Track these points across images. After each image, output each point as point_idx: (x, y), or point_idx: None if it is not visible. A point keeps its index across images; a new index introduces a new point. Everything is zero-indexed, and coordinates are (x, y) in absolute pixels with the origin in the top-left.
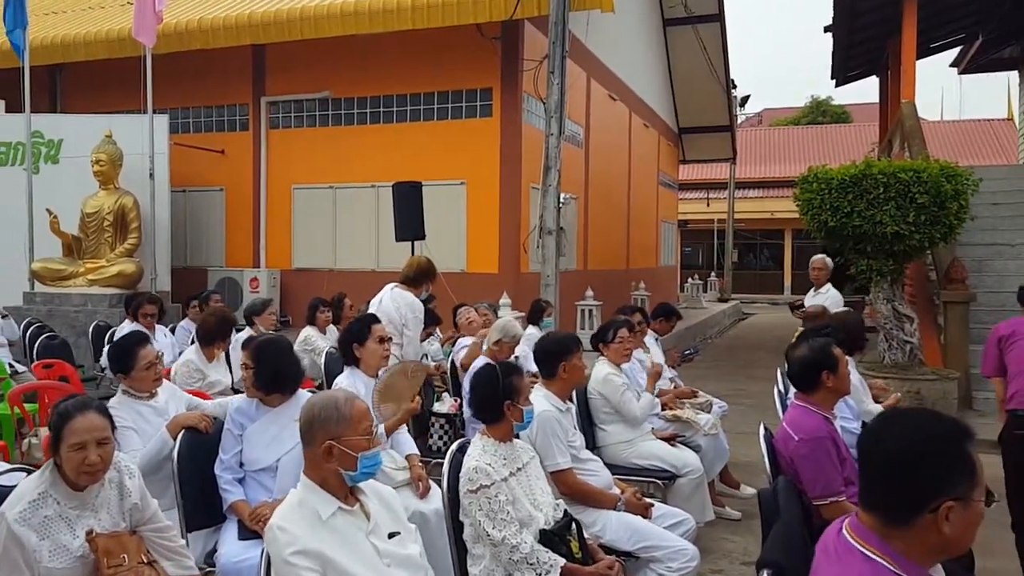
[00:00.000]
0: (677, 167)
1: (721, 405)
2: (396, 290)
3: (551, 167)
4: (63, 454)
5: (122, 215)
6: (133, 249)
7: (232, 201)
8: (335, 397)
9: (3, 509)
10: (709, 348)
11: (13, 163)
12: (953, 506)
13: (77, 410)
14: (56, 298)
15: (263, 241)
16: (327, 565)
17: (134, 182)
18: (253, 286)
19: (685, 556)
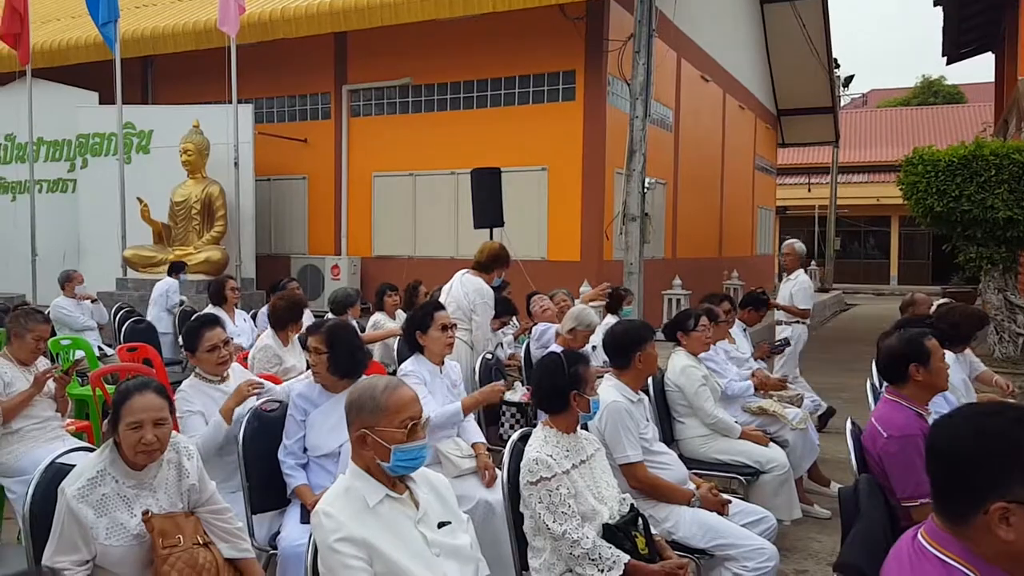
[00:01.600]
0: (775, 151)
1: (814, 399)
2: (467, 276)
3: (636, 151)
4: (121, 432)
5: (209, 203)
6: (219, 237)
7: (314, 189)
8: (375, 385)
9: (63, 485)
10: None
11: (107, 154)
12: (1012, 510)
13: (136, 390)
14: (146, 284)
15: (344, 229)
16: (373, 553)
17: (220, 171)
18: (334, 274)
19: (763, 555)
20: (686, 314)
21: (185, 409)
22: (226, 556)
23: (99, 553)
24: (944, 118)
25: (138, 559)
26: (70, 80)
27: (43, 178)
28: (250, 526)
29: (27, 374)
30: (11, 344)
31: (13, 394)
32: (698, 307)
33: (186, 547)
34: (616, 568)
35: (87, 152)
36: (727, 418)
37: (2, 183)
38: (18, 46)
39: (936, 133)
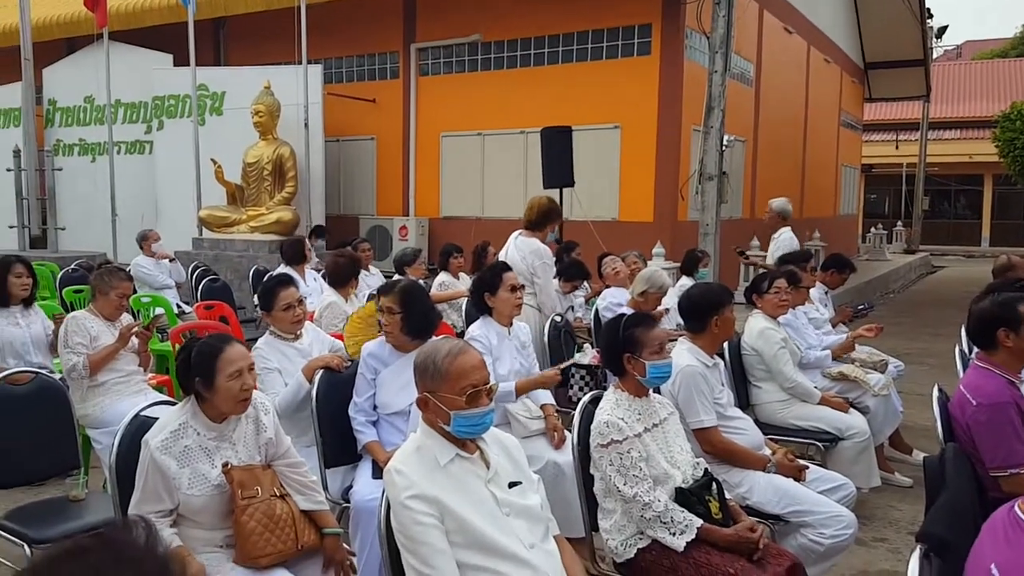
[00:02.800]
0: (862, 106)
1: (897, 365)
2: (520, 238)
3: (714, 107)
4: (221, 385)
5: (280, 164)
6: (290, 198)
7: (383, 149)
8: (438, 349)
9: (147, 437)
10: (891, 304)
11: (181, 115)
12: None
13: (224, 343)
14: (221, 244)
15: (412, 189)
16: (443, 511)
17: (291, 132)
18: (402, 234)
19: (840, 523)
20: (760, 276)
21: (263, 367)
22: (302, 508)
23: (181, 503)
24: None
25: (218, 509)
26: (146, 43)
27: (121, 140)
28: (324, 480)
29: (112, 329)
30: (96, 300)
31: (99, 348)
32: (781, 269)
33: (264, 498)
34: (688, 532)
35: (163, 114)
36: (806, 383)
37: (83, 144)
38: (96, 9)
39: None
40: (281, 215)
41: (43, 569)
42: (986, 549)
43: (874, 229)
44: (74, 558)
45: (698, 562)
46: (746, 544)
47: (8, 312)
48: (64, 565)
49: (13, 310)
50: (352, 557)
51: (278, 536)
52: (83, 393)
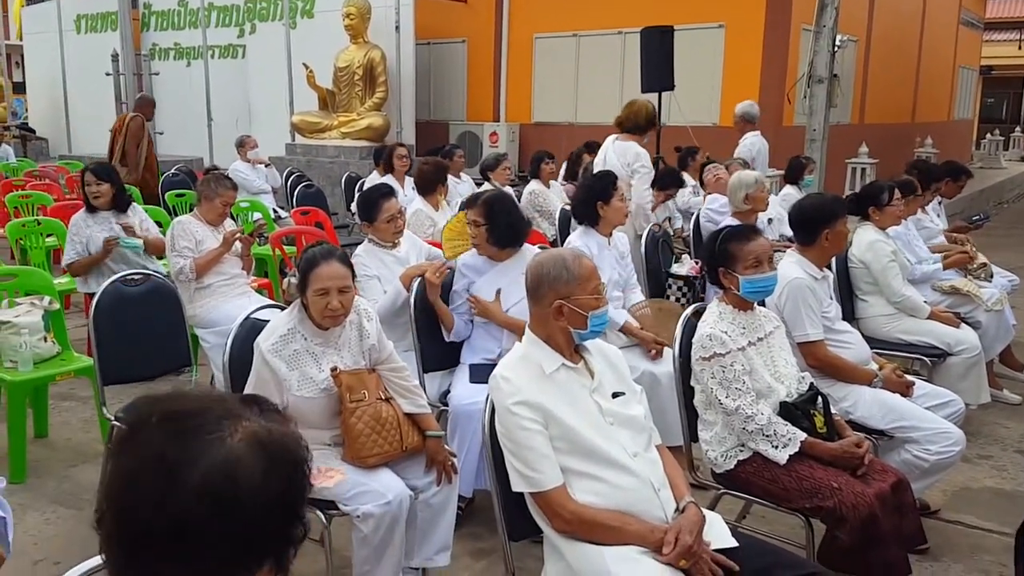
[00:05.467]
0: (984, 2)
1: (1012, 278)
2: (619, 141)
3: (827, 4)
4: (309, 297)
5: (370, 69)
6: (381, 103)
7: (473, 53)
8: (563, 256)
9: (258, 341)
10: (1005, 213)
11: (273, 19)
12: None
13: (323, 258)
14: (313, 149)
15: (503, 94)
16: (548, 417)
17: (381, 35)
18: (492, 140)
19: (948, 439)
20: (879, 187)
21: (363, 274)
22: (405, 411)
23: (291, 404)
24: None
25: (326, 409)
26: None
27: (215, 44)
28: (422, 383)
29: (216, 234)
30: (201, 206)
31: (204, 251)
32: (900, 175)
33: (371, 401)
34: (792, 445)
35: (255, 17)
36: (916, 296)
37: (177, 48)
38: None
39: None
40: (372, 121)
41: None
42: None
43: (990, 135)
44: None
45: (800, 475)
46: (851, 459)
47: (101, 218)
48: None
49: (106, 215)
50: (453, 458)
51: (384, 437)
52: (190, 295)
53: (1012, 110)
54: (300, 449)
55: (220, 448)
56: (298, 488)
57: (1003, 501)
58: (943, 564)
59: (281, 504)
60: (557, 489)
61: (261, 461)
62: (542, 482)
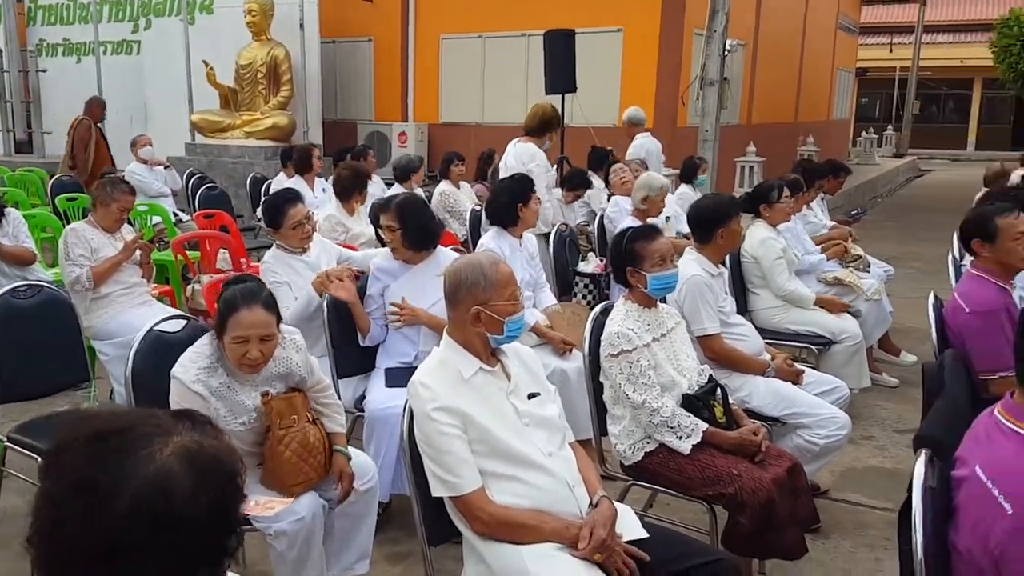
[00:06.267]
0: (859, 8)
1: (888, 269)
2: (519, 144)
3: (718, 10)
4: (226, 342)
5: (274, 67)
6: (286, 102)
7: (380, 52)
8: (481, 262)
9: (176, 373)
10: (880, 207)
11: (170, 14)
12: None
13: (245, 302)
14: (215, 149)
15: (411, 94)
16: (467, 422)
17: (285, 33)
18: (401, 140)
19: (835, 424)
20: (768, 186)
21: (272, 280)
22: (330, 430)
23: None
24: None
25: (254, 439)
26: None
27: (107, 39)
28: (336, 389)
29: (113, 241)
30: (96, 211)
31: (101, 259)
32: (785, 175)
33: (300, 427)
34: (695, 435)
35: (150, 12)
36: (800, 288)
37: (67, 44)
38: None
39: None
40: (277, 120)
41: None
42: (970, 453)
43: (865, 133)
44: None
45: (703, 464)
46: (749, 446)
47: None
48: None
49: None
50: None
51: (310, 464)
52: (86, 305)
53: (884, 109)
54: (233, 461)
55: (150, 465)
56: (232, 499)
57: (885, 479)
58: (833, 541)
59: (215, 516)
60: (476, 492)
61: (192, 474)
62: (461, 486)
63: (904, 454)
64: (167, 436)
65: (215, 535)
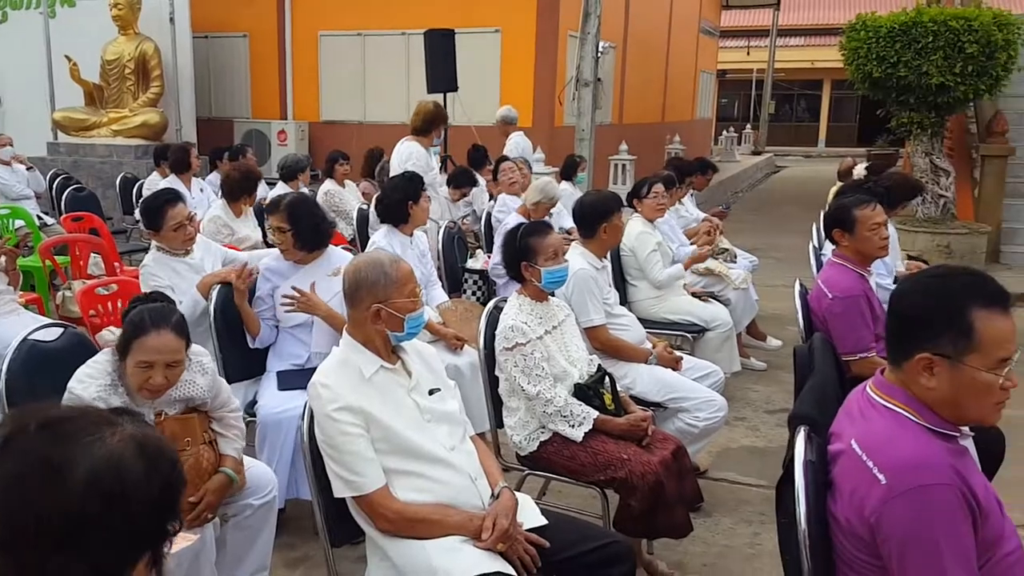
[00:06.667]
0: (719, 13)
1: (752, 260)
2: (404, 143)
3: (591, 13)
4: (129, 365)
5: (143, 63)
6: (156, 99)
7: (256, 48)
8: (380, 260)
9: (74, 389)
10: (740, 202)
11: (29, 7)
12: (936, 361)
13: (154, 325)
14: (81, 148)
15: (289, 92)
16: (369, 420)
17: (154, 27)
18: (281, 139)
19: (713, 406)
20: (640, 182)
21: (153, 285)
22: (223, 452)
23: None
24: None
25: None
26: None
27: None
28: None
29: None
30: None
31: None
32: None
33: (193, 450)
34: (586, 423)
35: (6, 4)
36: (672, 271)
37: None
38: None
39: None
40: (147, 118)
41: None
42: (844, 428)
43: (726, 132)
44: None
45: (595, 450)
46: (637, 431)
47: None
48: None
49: None
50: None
51: (199, 489)
52: None
53: (743, 109)
54: (174, 451)
55: (101, 448)
56: (176, 485)
57: (758, 457)
58: (715, 519)
59: (163, 498)
60: (380, 490)
61: (142, 460)
62: (365, 485)
63: (774, 433)
64: (113, 426)
65: (161, 517)
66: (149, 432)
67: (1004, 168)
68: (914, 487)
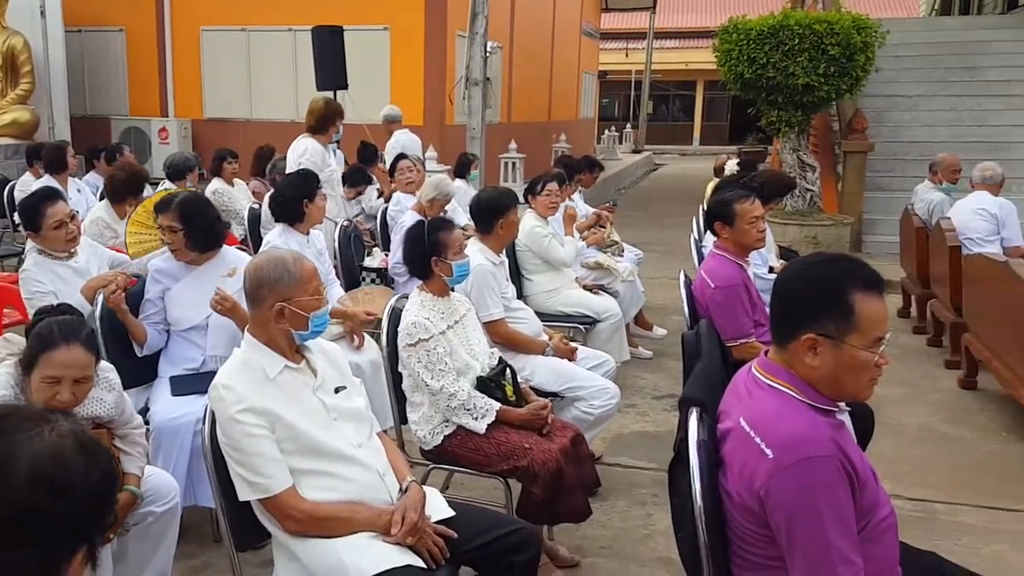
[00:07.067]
0: (599, 15)
1: (637, 253)
2: (299, 141)
3: (478, 13)
4: (34, 381)
5: (12, 57)
6: (26, 95)
7: (133, 43)
8: (283, 257)
9: None
10: (624, 199)
11: None
12: (820, 341)
13: (64, 339)
14: None
15: (170, 88)
16: (275, 421)
17: (24, 21)
18: (162, 137)
19: (607, 394)
20: (535, 180)
21: (35, 291)
22: (126, 470)
23: None
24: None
25: None
26: None
27: None
28: None
29: None
30: None
31: None
32: (549, 170)
33: None
34: (489, 415)
35: None
36: (568, 247)
37: None
38: None
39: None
40: (17, 115)
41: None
42: (732, 408)
43: (608, 131)
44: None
45: (498, 441)
46: (537, 421)
47: None
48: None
49: None
50: None
51: None
52: None
53: (623, 109)
54: (108, 447)
55: (42, 442)
56: (113, 478)
57: (649, 441)
58: (611, 502)
59: (103, 490)
60: (287, 491)
61: (82, 452)
62: (271, 487)
63: (662, 418)
64: (48, 423)
65: (101, 509)
66: (85, 429)
67: (864, 163)
68: (799, 460)
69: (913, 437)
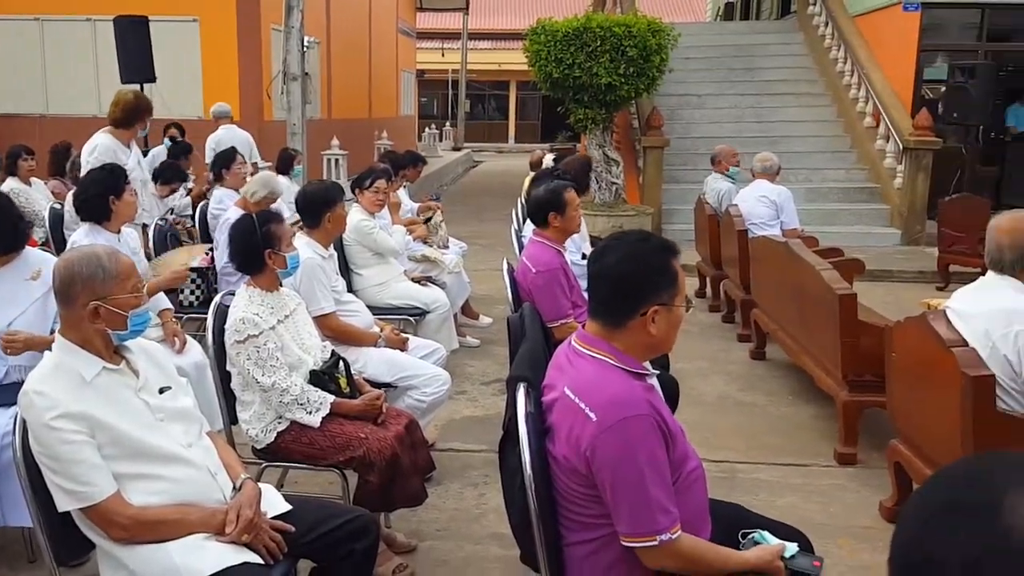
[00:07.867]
0: (415, 15)
1: (463, 246)
2: (100, 136)
3: (293, 7)
4: None
5: None
6: None
7: None
8: (96, 253)
9: None
10: (445, 195)
11: None
12: (659, 310)
13: None
14: None
15: None
16: (94, 425)
17: None
18: None
19: (439, 381)
20: (361, 176)
21: None
22: None
23: None
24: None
25: None
26: None
27: None
28: None
29: None
30: None
31: None
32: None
33: None
34: (323, 408)
35: None
36: (399, 239)
37: None
38: None
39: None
40: None
41: None
42: (556, 380)
43: (428, 129)
44: None
45: (333, 433)
46: (372, 411)
47: None
48: None
49: None
50: None
51: None
52: None
53: (442, 107)
54: None
55: None
56: None
57: (478, 425)
58: (444, 486)
59: None
60: (111, 498)
61: None
62: (93, 495)
63: (491, 402)
64: None
65: None
66: None
67: (661, 158)
68: (619, 419)
69: (713, 405)
